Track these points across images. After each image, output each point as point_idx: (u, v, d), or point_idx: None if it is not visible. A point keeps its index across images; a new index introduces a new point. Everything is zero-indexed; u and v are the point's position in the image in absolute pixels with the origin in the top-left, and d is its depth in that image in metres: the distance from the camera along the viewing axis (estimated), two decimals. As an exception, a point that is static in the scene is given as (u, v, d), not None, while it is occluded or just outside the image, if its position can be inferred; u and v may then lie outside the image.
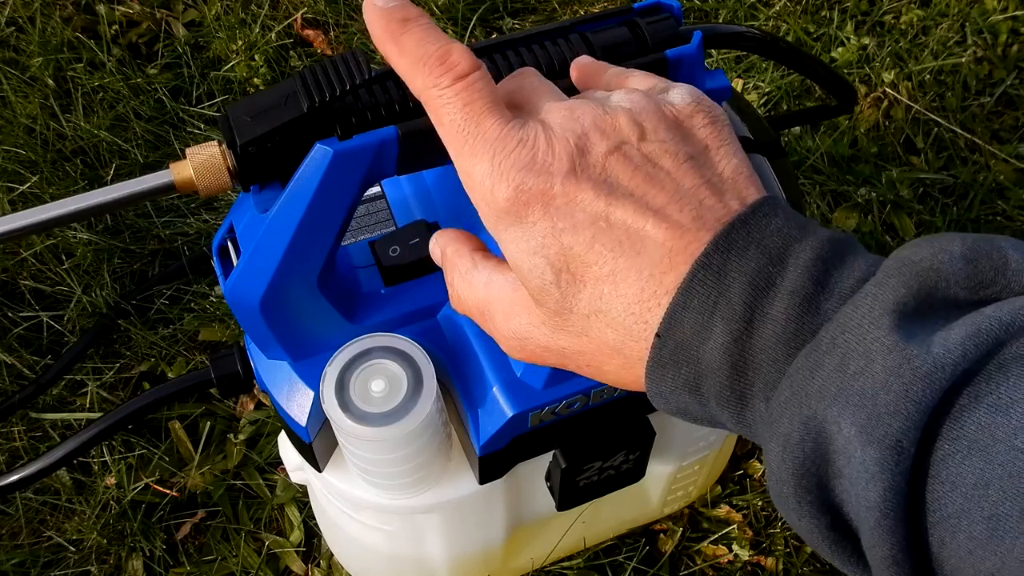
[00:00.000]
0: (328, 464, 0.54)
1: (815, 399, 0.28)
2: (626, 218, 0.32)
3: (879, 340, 0.27)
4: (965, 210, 0.93)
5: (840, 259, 0.30)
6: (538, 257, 0.33)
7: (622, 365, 0.33)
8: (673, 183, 0.33)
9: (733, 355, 0.30)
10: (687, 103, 0.35)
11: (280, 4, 1.10)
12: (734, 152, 0.34)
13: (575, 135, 0.33)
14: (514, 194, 0.33)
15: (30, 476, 0.61)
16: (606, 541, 0.76)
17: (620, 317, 0.32)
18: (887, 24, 1.08)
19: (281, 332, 0.46)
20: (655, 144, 0.33)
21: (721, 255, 0.31)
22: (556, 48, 0.45)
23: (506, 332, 0.36)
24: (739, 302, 0.30)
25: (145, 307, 0.88)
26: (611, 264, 0.32)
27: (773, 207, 0.32)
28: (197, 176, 0.42)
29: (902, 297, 0.28)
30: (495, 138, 0.34)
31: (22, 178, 0.95)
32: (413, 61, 0.36)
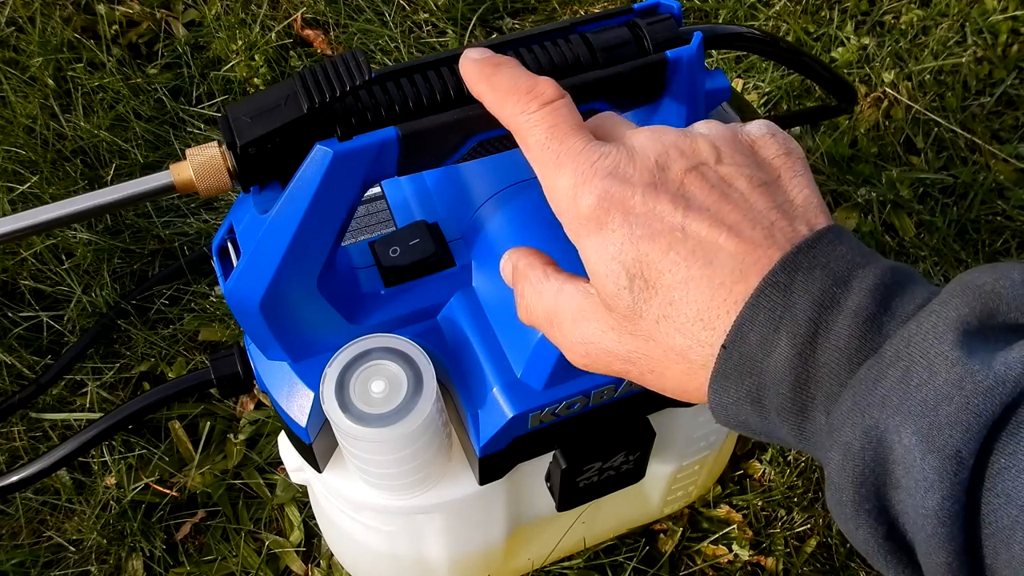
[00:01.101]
0: (328, 464, 0.54)
1: (877, 408, 0.29)
2: (701, 230, 0.34)
3: (942, 354, 0.28)
4: (965, 210, 0.93)
5: (901, 286, 0.32)
6: (615, 262, 0.35)
7: (686, 371, 0.35)
8: (746, 203, 0.34)
9: (796, 368, 0.31)
10: (763, 133, 0.37)
11: (280, 4, 1.10)
12: (807, 183, 0.36)
13: (656, 152, 0.35)
14: (596, 202, 0.35)
15: (30, 476, 0.61)
16: (606, 541, 0.76)
17: (688, 323, 0.34)
18: (887, 24, 1.08)
19: (281, 332, 0.46)
20: (731, 167, 0.35)
21: (788, 273, 0.32)
22: (556, 48, 0.45)
23: (573, 338, 0.38)
24: (804, 318, 0.31)
25: (145, 307, 0.88)
26: (684, 272, 0.34)
27: (839, 235, 0.34)
28: (197, 177, 0.42)
29: (965, 316, 0.29)
30: (578, 152, 0.36)
31: (22, 178, 0.95)
32: (504, 94, 0.39)
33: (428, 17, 1.08)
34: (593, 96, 0.45)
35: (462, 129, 0.43)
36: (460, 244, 0.50)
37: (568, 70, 0.44)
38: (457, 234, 0.50)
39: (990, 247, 0.92)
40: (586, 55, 0.44)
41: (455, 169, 0.52)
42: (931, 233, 0.92)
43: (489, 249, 0.49)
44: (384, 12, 1.09)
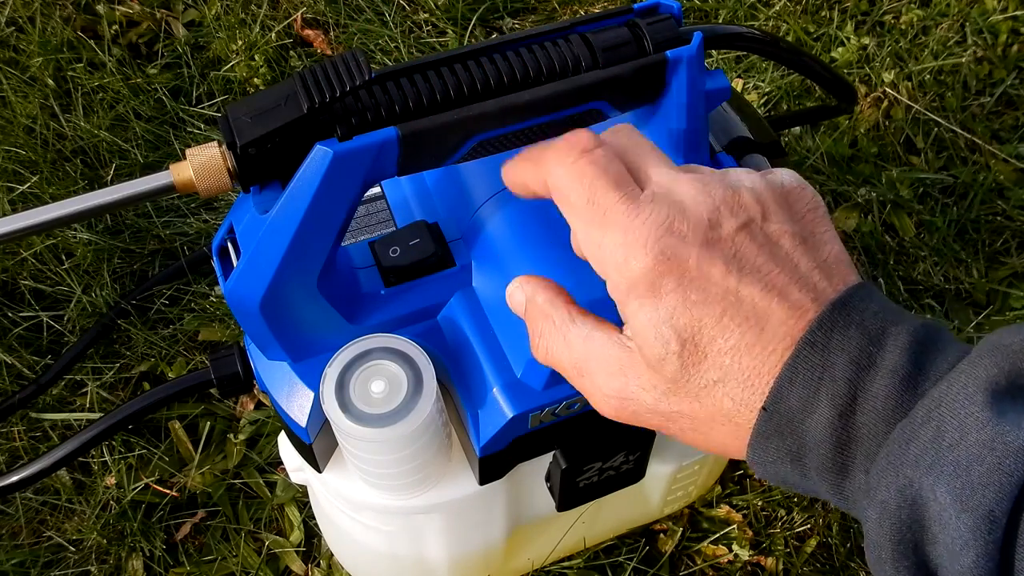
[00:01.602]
0: (328, 465, 0.54)
1: (911, 467, 0.29)
2: (754, 295, 0.33)
3: (973, 415, 0.29)
4: (965, 210, 0.93)
5: (934, 344, 0.32)
6: (666, 327, 0.34)
7: (731, 432, 0.34)
8: (792, 264, 0.34)
9: (837, 430, 0.32)
10: (795, 184, 0.36)
11: (280, 4, 1.10)
12: (834, 237, 0.36)
13: (708, 209, 0.34)
14: (650, 265, 0.34)
15: (30, 476, 0.61)
16: (606, 541, 0.76)
17: (737, 388, 0.33)
18: (887, 24, 1.08)
19: (281, 333, 0.46)
20: (776, 225, 0.35)
21: (825, 333, 0.32)
22: (556, 48, 0.45)
23: (608, 391, 0.37)
24: (843, 379, 0.32)
25: (145, 307, 0.88)
26: (737, 339, 0.33)
27: (870, 291, 0.34)
28: (197, 177, 0.42)
29: (994, 376, 0.30)
30: (626, 210, 0.35)
31: (22, 178, 0.95)
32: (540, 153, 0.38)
33: (428, 17, 1.08)
34: (593, 96, 0.45)
35: (462, 129, 0.43)
36: (460, 244, 0.50)
37: (568, 70, 0.44)
38: (457, 234, 0.50)
39: (990, 247, 0.92)
40: (586, 55, 0.44)
41: (455, 169, 0.52)
42: (931, 233, 0.92)
43: (489, 249, 0.49)
44: (384, 12, 1.09)
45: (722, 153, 0.52)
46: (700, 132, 0.48)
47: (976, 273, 0.90)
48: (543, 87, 0.43)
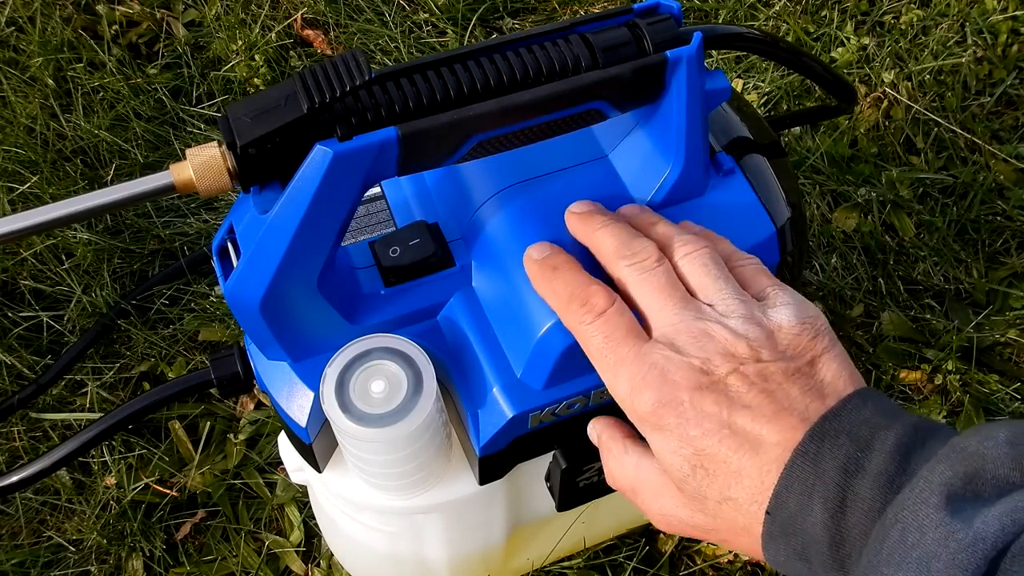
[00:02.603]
0: (328, 465, 0.54)
1: (885, 566, 0.33)
2: (746, 425, 0.38)
3: (929, 516, 0.32)
4: (965, 210, 0.93)
5: (922, 444, 0.36)
6: (676, 456, 0.39)
7: (751, 541, 0.39)
8: (783, 393, 0.38)
9: (831, 529, 0.35)
10: (793, 324, 0.40)
11: (280, 4, 1.10)
12: (834, 357, 0.40)
13: (700, 359, 0.39)
14: (652, 407, 0.40)
15: (30, 476, 0.61)
16: (606, 541, 0.76)
17: (745, 504, 0.38)
18: (887, 24, 1.08)
19: (281, 333, 0.46)
20: (767, 364, 0.39)
21: (816, 443, 0.36)
22: (556, 48, 0.45)
23: (654, 509, 0.43)
24: (833, 484, 0.35)
25: (145, 307, 0.88)
26: (736, 463, 0.38)
27: (864, 399, 0.38)
28: (197, 177, 0.42)
29: (949, 479, 0.33)
30: (631, 361, 0.41)
31: (22, 178, 0.95)
32: (564, 301, 0.44)
33: (428, 17, 1.08)
34: (593, 96, 0.45)
35: (462, 129, 0.43)
36: (460, 244, 0.50)
37: (568, 70, 0.44)
38: (457, 234, 0.50)
39: (990, 247, 0.92)
40: (586, 55, 0.44)
41: (455, 169, 0.52)
42: (931, 233, 0.92)
43: (489, 249, 0.49)
44: (384, 12, 1.08)
45: (722, 153, 0.52)
46: (700, 132, 0.48)
47: (976, 273, 0.90)
48: (543, 87, 0.43)
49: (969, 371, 0.84)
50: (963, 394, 0.83)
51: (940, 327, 0.87)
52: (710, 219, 0.49)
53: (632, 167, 0.50)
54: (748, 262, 0.44)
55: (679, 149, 0.48)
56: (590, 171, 0.51)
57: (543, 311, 0.46)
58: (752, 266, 0.44)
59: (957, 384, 0.84)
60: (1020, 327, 0.87)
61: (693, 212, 0.49)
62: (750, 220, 0.50)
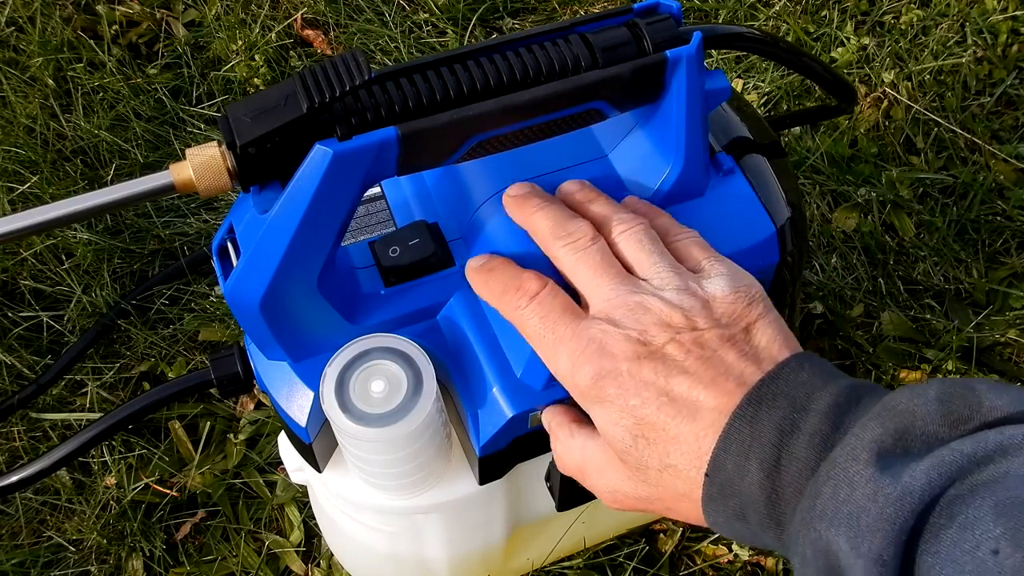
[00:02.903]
0: (328, 465, 0.54)
1: (818, 521, 0.33)
2: (683, 391, 0.39)
3: (858, 472, 0.33)
4: (965, 210, 0.93)
5: (856, 403, 0.36)
6: (618, 427, 0.40)
7: (692, 507, 0.40)
8: (719, 359, 0.39)
9: (767, 489, 0.36)
10: (726, 293, 0.41)
11: (280, 4, 1.10)
12: (769, 323, 0.41)
13: (637, 331, 0.40)
14: (591, 380, 0.40)
15: (30, 476, 0.61)
16: (606, 541, 0.76)
17: (685, 469, 0.39)
18: (887, 24, 1.08)
19: (281, 332, 0.46)
20: (703, 331, 0.40)
21: (753, 406, 0.37)
22: (556, 48, 0.45)
23: (600, 487, 0.43)
24: (768, 444, 0.36)
25: (145, 307, 0.88)
26: (675, 429, 0.39)
27: (800, 363, 0.39)
28: (197, 177, 0.42)
29: (879, 436, 0.34)
30: (569, 338, 0.41)
31: (22, 178, 0.95)
32: (498, 294, 0.45)
33: (428, 17, 1.08)
34: (593, 96, 0.45)
35: (462, 129, 0.43)
36: (460, 244, 0.50)
37: (568, 70, 0.44)
38: (457, 234, 0.50)
39: (990, 247, 0.92)
40: (586, 55, 0.44)
41: (455, 169, 0.52)
42: (931, 233, 0.92)
43: (489, 249, 0.49)
44: (384, 12, 1.09)
45: (722, 153, 0.52)
46: (700, 132, 0.48)
47: (976, 273, 0.90)
48: (542, 87, 0.43)
49: (969, 371, 0.84)
50: (963, 394, 0.83)
51: (940, 327, 0.87)
52: (710, 219, 0.49)
53: (632, 167, 0.50)
54: (686, 236, 0.45)
55: (679, 149, 0.48)
56: (590, 171, 0.51)
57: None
58: (689, 239, 0.45)
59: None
60: (1020, 327, 0.87)
61: (693, 212, 0.49)
62: (750, 220, 0.50)
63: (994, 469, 0.32)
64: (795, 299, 0.57)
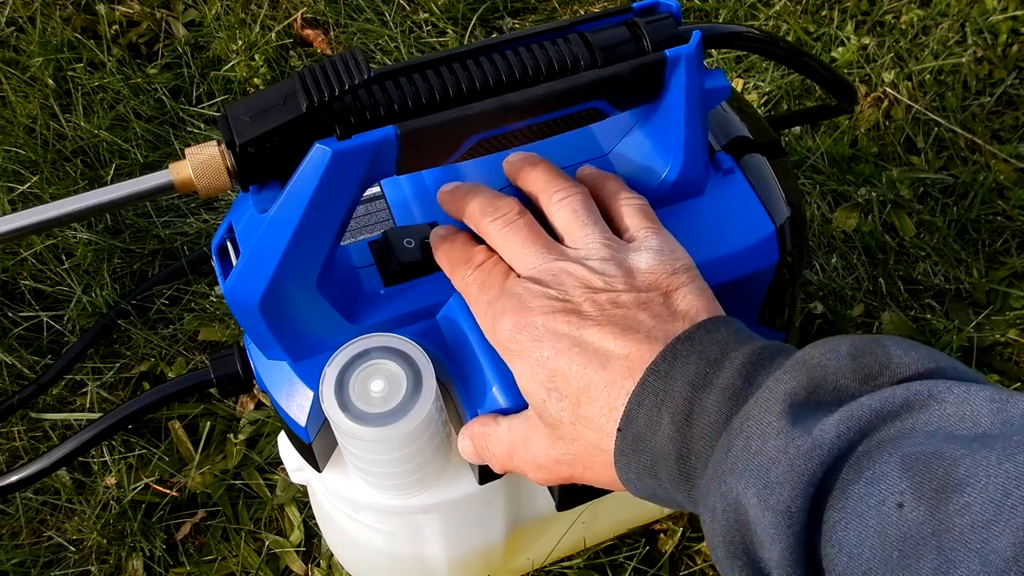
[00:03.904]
0: (328, 464, 0.54)
1: (729, 474, 0.33)
2: (594, 340, 0.40)
3: (771, 424, 0.33)
4: (965, 210, 0.93)
5: (770, 361, 0.36)
6: (533, 381, 0.41)
7: (606, 462, 0.40)
8: (632, 317, 0.40)
9: (677, 442, 0.36)
10: (651, 265, 0.42)
11: (280, 4, 1.10)
12: (692, 291, 0.42)
13: (557, 291, 0.42)
14: (509, 332, 0.42)
15: (30, 476, 0.61)
16: (606, 541, 0.76)
17: (598, 420, 0.39)
18: (887, 24, 1.08)
19: (280, 332, 0.46)
20: (620, 293, 0.41)
21: (667, 362, 0.38)
22: (555, 48, 0.45)
23: (527, 459, 0.44)
24: (681, 398, 0.36)
25: (145, 307, 0.88)
26: (586, 377, 0.39)
27: (718, 325, 0.39)
28: (196, 176, 0.42)
29: (792, 389, 0.34)
30: (497, 297, 0.43)
31: (22, 178, 0.95)
32: (452, 264, 0.46)
33: (428, 17, 1.09)
34: (592, 95, 0.45)
35: (461, 128, 0.43)
36: (460, 244, 0.50)
37: (567, 69, 0.44)
38: (457, 234, 0.50)
39: (990, 247, 0.92)
40: (585, 54, 0.44)
41: (454, 168, 0.52)
42: (931, 233, 0.92)
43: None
44: (384, 12, 1.09)
45: (721, 152, 0.52)
46: (699, 131, 0.48)
47: (976, 273, 0.90)
48: (542, 86, 0.43)
49: (969, 371, 0.84)
50: (963, 394, 0.83)
51: (940, 327, 0.87)
52: (709, 218, 0.49)
53: (631, 166, 0.50)
54: (632, 201, 0.46)
55: (678, 148, 0.48)
56: (590, 170, 0.51)
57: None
58: (634, 206, 0.46)
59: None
60: (1020, 327, 0.87)
61: (692, 211, 0.49)
62: (750, 219, 0.50)
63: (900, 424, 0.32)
64: (795, 299, 0.57)
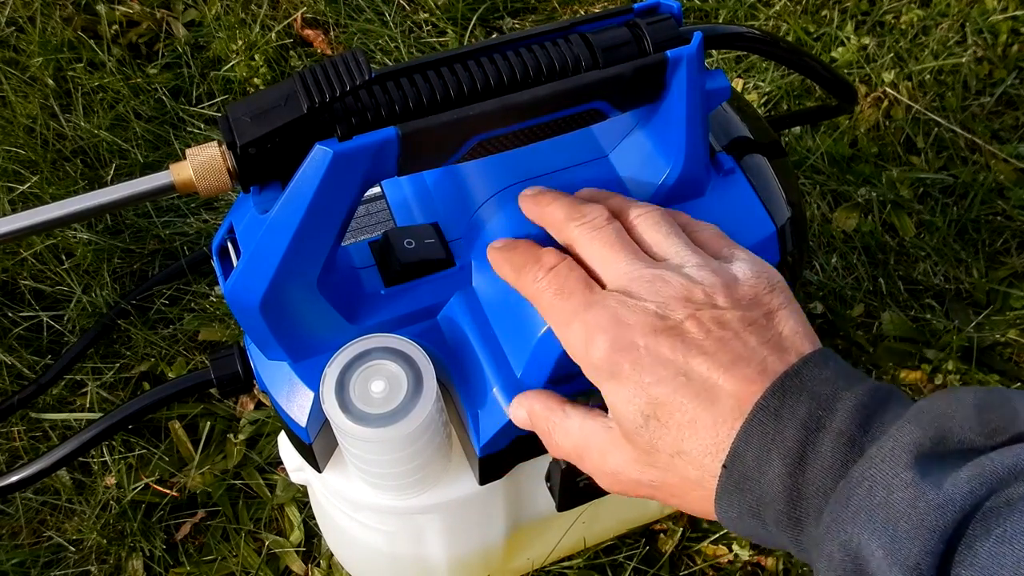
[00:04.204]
0: (328, 464, 0.54)
1: (849, 524, 0.32)
2: (702, 372, 0.37)
3: (898, 475, 0.32)
4: (965, 210, 0.93)
5: (883, 407, 0.35)
6: (630, 405, 0.38)
7: (703, 497, 0.38)
8: (740, 343, 0.38)
9: (788, 486, 0.35)
10: (748, 276, 0.40)
11: (280, 4, 1.10)
12: (791, 313, 0.40)
13: (655, 303, 0.39)
14: (606, 354, 0.39)
15: (30, 476, 0.61)
16: (606, 541, 0.76)
17: (699, 457, 0.37)
18: (887, 24, 1.08)
19: (281, 333, 0.46)
20: (724, 311, 0.39)
21: (778, 398, 0.36)
22: (556, 48, 0.44)
23: (602, 468, 0.42)
24: (793, 440, 0.35)
25: (145, 307, 0.88)
26: (691, 412, 0.37)
27: (824, 359, 0.37)
28: (197, 177, 0.42)
29: (918, 439, 0.33)
30: (584, 309, 0.40)
31: (22, 178, 0.95)
32: (517, 269, 0.44)
33: (428, 17, 1.08)
34: (593, 96, 0.45)
35: (462, 129, 0.43)
36: (460, 244, 0.50)
37: (568, 70, 0.44)
38: (457, 234, 0.50)
39: (990, 247, 0.92)
40: (586, 55, 0.44)
41: (455, 169, 0.51)
42: (931, 233, 0.92)
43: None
44: (384, 12, 1.09)
45: (722, 153, 0.52)
46: (700, 132, 0.48)
47: (976, 273, 0.90)
48: (543, 87, 0.43)
49: (969, 371, 0.84)
50: (963, 394, 0.83)
51: (940, 327, 0.87)
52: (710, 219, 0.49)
53: (632, 167, 0.50)
54: (706, 227, 0.45)
55: (679, 149, 0.48)
56: (590, 171, 0.51)
57: (543, 311, 0.46)
58: (709, 231, 0.45)
59: (957, 384, 0.84)
60: (1020, 327, 0.87)
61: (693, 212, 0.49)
62: (750, 220, 0.50)
63: None
64: (795, 299, 0.57)
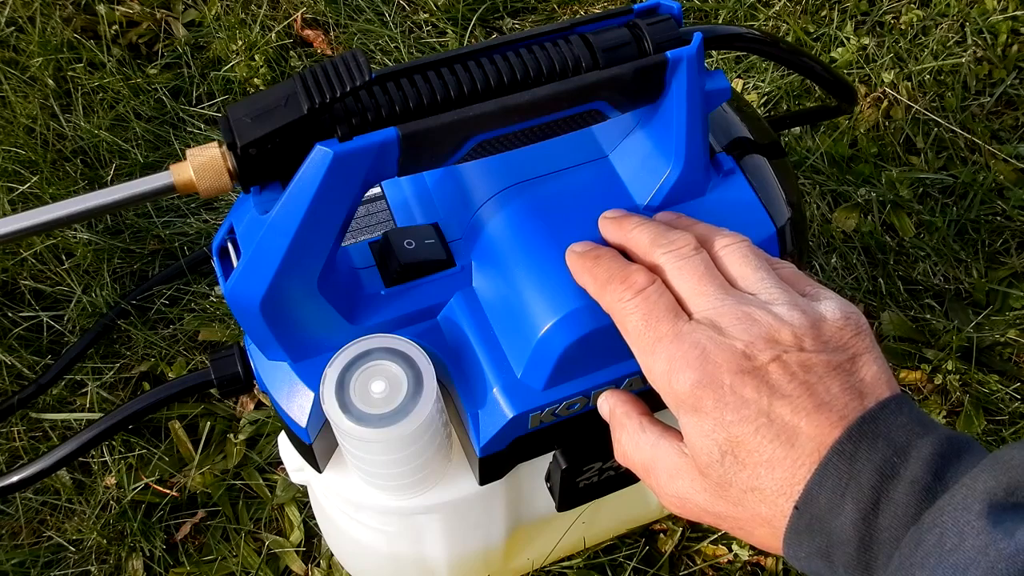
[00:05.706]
0: (328, 465, 0.54)
1: (918, 568, 0.33)
2: (784, 415, 0.38)
3: (970, 523, 0.32)
4: (965, 210, 0.93)
5: (957, 456, 0.36)
6: (709, 440, 0.39)
7: (770, 533, 0.39)
8: (824, 388, 0.38)
9: (861, 530, 0.35)
10: (837, 317, 0.40)
11: (280, 4, 1.10)
12: (874, 359, 0.40)
13: (743, 343, 0.39)
14: (690, 388, 0.39)
15: (30, 477, 0.61)
16: (606, 541, 0.76)
17: (772, 496, 0.38)
18: (887, 24, 1.08)
19: (281, 333, 0.46)
20: (810, 355, 0.39)
21: (853, 443, 0.36)
22: (556, 49, 0.45)
23: (669, 491, 0.42)
24: (867, 486, 0.35)
25: (145, 307, 0.88)
26: (770, 453, 0.38)
27: (900, 405, 0.38)
28: (197, 177, 0.42)
29: (992, 488, 0.33)
30: (671, 339, 0.40)
31: (22, 178, 0.95)
32: (603, 282, 0.43)
33: (428, 17, 1.08)
34: (593, 97, 0.45)
35: (462, 130, 0.43)
36: (460, 244, 0.50)
37: (568, 71, 0.44)
38: (457, 234, 0.51)
39: (990, 247, 0.92)
40: (586, 56, 0.44)
41: (455, 169, 0.52)
42: (931, 233, 0.92)
43: (489, 249, 0.49)
44: (384, 12, 1.09)
45: (722, 153, 0.52)
46: (700, 133, 0.48)
47: (976, 273, 0.90)
48: (543, 87, 0.43)
49: (969, 371, 0.84)
50: (963, 394, 0.83)
51: (940, 327, 0.87)
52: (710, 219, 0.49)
53: (632, 167, 0.50)
54: (786, 265, 0.44)
55: (679, 149, 0.48)
56: (590, 171, 0.51)
57: (543, 311, 0.46)
58: (789, 269, 0.44)
59: (957, 384, 0.84)
60: (1020, 327, 0.87)
61: (693, 212, 0.49)
62: (750, 220, 0.50)
63: None
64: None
